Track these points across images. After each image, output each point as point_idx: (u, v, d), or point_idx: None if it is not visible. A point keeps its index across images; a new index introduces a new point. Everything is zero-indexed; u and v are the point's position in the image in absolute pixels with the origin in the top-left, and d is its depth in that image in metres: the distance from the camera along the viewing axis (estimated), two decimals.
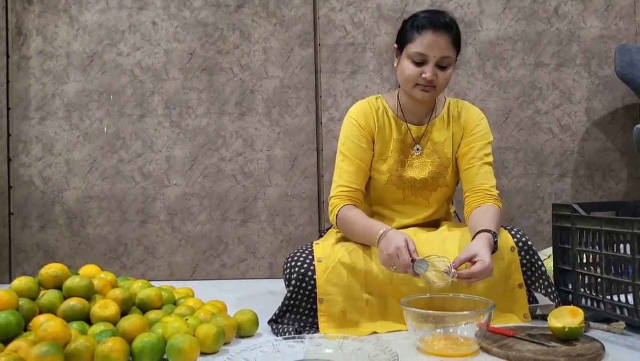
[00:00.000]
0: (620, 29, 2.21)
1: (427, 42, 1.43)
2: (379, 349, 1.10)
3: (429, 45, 1.43)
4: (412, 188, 1.57)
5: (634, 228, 1.26)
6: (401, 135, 1.57)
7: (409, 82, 1.48)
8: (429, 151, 1.57)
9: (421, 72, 1.45)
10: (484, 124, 1.59)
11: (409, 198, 1.58)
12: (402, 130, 1.57)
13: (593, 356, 1.12)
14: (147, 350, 1.16)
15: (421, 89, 1.47)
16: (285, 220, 2.26)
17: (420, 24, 1.45)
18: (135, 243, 2.27)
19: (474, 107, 1.63)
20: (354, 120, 1.56)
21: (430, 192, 1.58)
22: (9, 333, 1.18)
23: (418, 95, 1.48)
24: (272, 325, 1.39)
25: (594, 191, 2.23)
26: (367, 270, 1.39)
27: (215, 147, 2.27)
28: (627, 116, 2.22)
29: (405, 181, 1.56)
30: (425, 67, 1.45)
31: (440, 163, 1.57)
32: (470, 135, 1.57)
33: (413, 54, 1.45)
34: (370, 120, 1.56)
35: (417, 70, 1.45)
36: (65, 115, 2.28)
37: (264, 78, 2.26)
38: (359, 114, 1.57)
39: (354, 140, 1.54)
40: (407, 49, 1.46)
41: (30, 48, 2.28)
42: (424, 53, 1.44)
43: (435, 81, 1.46)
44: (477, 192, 1.52)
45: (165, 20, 2.27)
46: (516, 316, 1.42)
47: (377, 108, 1.57)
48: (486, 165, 1.55)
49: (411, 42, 1.45)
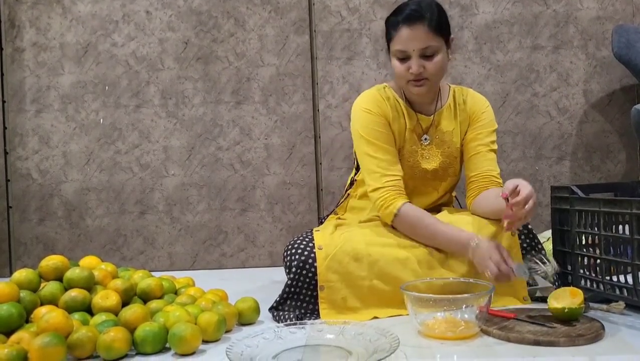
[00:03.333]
0: (617, 9, 2.20)
1: (404, 37, 1.42)
2: (380, 333, 1.11)
3: (406, 40, 1.42)
4: (423, 179, 1.57)
5: (632, 208, 1.26)
6: (413, 125, 1.55)
7: (401, 80, 1.49)
8: (438, 141, 1.56)
9: (408, 68, 1.44)
10: (490, 112, 1.59)
11: (419, 188, 1.58)
12: (413, 120, 1.55)
13: (593, 336, 1.12)
14: (149, 338, 1.16)
15: (413, 85, 1.46)
16: (284, 209, 2.26)
17: (395, 21, 1.44)
18: (135, 234, 2.27)
19: (479, 94, 1.62)
20: (367, 109, 1.52)
21: (440, 182, 1.59)
22: (11, 325, 1.18)
23: (413, 90, 1.48)
24: (273, 312, 1.40)
25: (593, 173, 2.23)
26: (367, 256, 1.39)
27: (213, 136, 2.26)
28: (625, 97, 2.21)
29: (417, 172, 1.56)
30: (409, 61, 1.44)
31: (450, 153, 1.57)
32: (477, 122, 1.57)
33: (395, 51, 1.45)
34: (385, 107, 1.53)
35: (403, 66, 1.45)
36: (61, 107, 2.27)
37: (260, 66, 2.25)
38: (370, 103, 1.53)
39: (375, 127, 1.50)
40: (391, 47, 1.47)
41: (23, 40, 2.27)
42: (403, 49, 1.43)
43: (424, 73, 1.44)
44: (484, 178, 1.52)
45: (159, 10, 2.26)
46: (516, 299, 1.42)
47: (387, 97, 1.55)
48: (492, 152, 1.55)
49: (392, 40, 1.46)
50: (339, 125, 2.24)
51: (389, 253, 1.39)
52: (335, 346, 1.12)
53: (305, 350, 1.11)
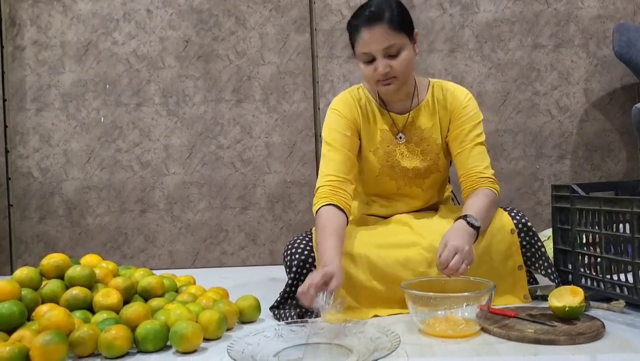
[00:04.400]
0: (618, 8, 2.20)
1: (366, 39, 1.40)
2: (380, 332, 1.11)
3: (368, 42, 1.40)
4: (405, 178, 1.55)
5: (633, 207, 1.26)
6: (387, 125, 1.54)
7: (370, 82, 1.47)
8: (417, 139, 1.54)
9: (374, 69, 1.42)
10: (472, 104, 1.53)
11: (403, 188, 1.57)
12: (386, 119, 1.54)
13: (593, 335, 1.12)
14: (150, 336, 1.16)
15: (382, 84, 1.44)
16: (284, 207, 2.26)
17: (354, 25, 1.43)
18: (136, 233, 2.27)
19: (460, 87, 1.56)
20: (336, 111, 1.53)
21: (423, 179, 1.56)
22: (13, 323, 1.19)
23: (383, 90, 1.46)
24: (273, 311, 1.40)
25: (593, 172, 2.23)
26: (367, 256, 1.39)
27: (213, 134, 2.26)
28: (626, 96, 2.21)
29: (398, 171, 1.54)
30: (376, 62, 1.41)
31: (430, 150, 1.54)
32: (459, 119, 1.52)
33: (360, 55, 1.43)
34: (354, 110, 1.52)
35: (370, 68, 1.43)
36: (61, 106, 2.27)
37: (261, 64, 2.25)
38: (340, 105, 1.53)
39: (338, 129, 1.51)
40: (355, 51, 1.45)
41: (24, 38, 2.27)
42: (367, 51, 1.41)
43: (391, 72, 1.41)
44: (470, 176, 1.49)
45: (159, 8, 2.26)
46: (516, 298, 1.42)
47: (359, 99, 1.54)
48: (478, 145, 1.50)
49: (355, 44, 1.44)
50: None
51: (387, 254, 1.39)
52: (336, 345, 1.12)
53: (306, 348, 1.12)
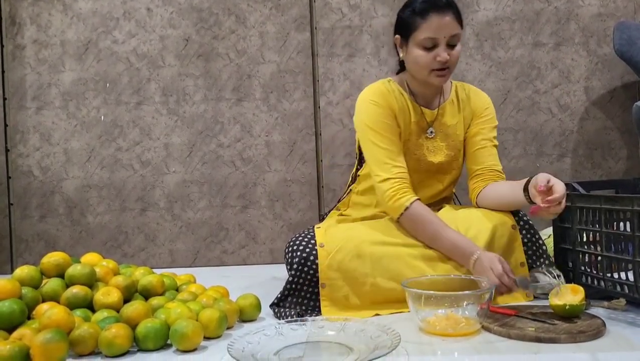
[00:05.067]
0: (619, 6, 2.20)
1: (435, 25, 1.42)
2: (381, 330, 1.11)
3: (437, 28, 1.42)
4: (428, 172, 1.58)
5: (633, 205, 1.26)
6: (417, 119, 1.56)
7: (424, 70, 1.47)
8: (442, 135, 1.57)
9: (435, 56, 1.44)
10: (492, 108, 1.62)
11: (424, 181, 1.59)
12: (417, 113, 1.56)
13: (594, 333, 1.12)
14: (150, 335, 1.16)
15: (437, 74, 1.46)
16: (285, 206, 2.26)
17: (422, 9, 1.43)
18: (136, 231, 2.27)
19: (481, 91, 1.65)
20: (374, 102, 1.52)
21: (445, 175, 1.60)
22: (13, 321, 1.19)
23: (435, 80, 1.48)
24: (274, 308, 1.40)
25: (594, 170, 2.23)
26: (369, 254, 1.39)
27: (214, 133, 2.26)
28: (626, 94, 2.21)
29: (423, 165, 1.57)
30: (437, 50, 1.44)
31: (454, 146, 1.58)
32: (480, 118, 1.59)
33: (423, 40, 1.43)
34: (391, 100, 1.53)
35: (430, 55, 1.44)
36: (62, 105, 2.27)
37: (261, 63, 2.25)
38: (377, 95, 1.53)
39: (382, 119, 1.50)
40: (415, 37, 1.45)
41: (24, 37, 2.26)
42: (433, 37, 1.42)
43: (448, 62, 1.45)
44: (490, 171, 1.55)
45: (159, 7, 2.25)
46: (519, 295, 1.42)
47: (392, 90, 1.55)
48: (495, 147, 1.59)
49: (417, 29, 1.44)
50: (339, 122, 2.24)
51: (391, 251, 1.39)
52: (337, 343, 1.12)
53: (306, 346, 1.12)
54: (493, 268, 1.31)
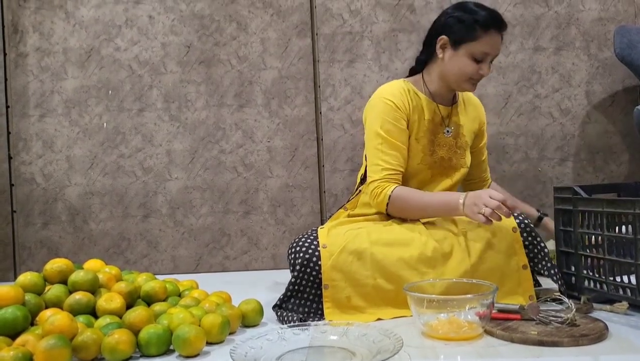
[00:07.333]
0: (619, 10, 2.20)
1: (493, 41, 1.50)
2: (383, 334, 1.11)
3: (493, 45, 1.50)
4: (440, 168, 1.62)
5: (635, 209, 1.26)
6: (431, 115, 1.61)
7: (463, 77, 1.53)
8: (454, 133, 1.64)
9: (479, 69, 1.51)
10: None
11: (436, 177, 1.63)
12: (432, 110, 1.61)
13: (597, 336, 1.12)
14: (153, 340, 1.17)
15: (472, 83, 1.55)
16: (287, 211, 2.27)
17: (486, 23, 1.48)
18: (139, 238, 2.28)
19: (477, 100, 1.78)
20: (389, 101, 1.56)
21: (454, 171, 1.65)
22: (17, 327, 1.19)
23: (467, 88, 1.56)
24: (276, 310, 1.40)
25: (596, 174, 2.23)
26: (371, 255, 1.39)
27: (215, 139, 2.27)
28: (627, 98, 2.21)
29: (436, 160, 1.61)
30: (483, 63, 1.51)
31: (462, 145, 1.65)
32: (482, 133, 1.75)
33: (478, 52, 1.49)
34: (405, 100, 1.58)
35: (476, 67, 1.51)
36: (64, 112, 2.28)
37: (262, 69, 2.26)
38: (393, 94, 1.57)
39: (392, 121, 1.55)
40: (470, 46, 1.49)
41: (27, 45, 2.28)
42: (488, 52, 1.50)
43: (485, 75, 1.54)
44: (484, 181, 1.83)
45: (161, 14, 2.27)
46: (522, 298, 1.42)
47: (407, 90, 1.60)
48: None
49: (476, 40, 1.49)
50: (341, 128, 2.25)
51: (392, 252, 1.39)
52: (339, 348, 1.12)
53: (308, 351, 1.12)
54: (481, 196, 1.34)
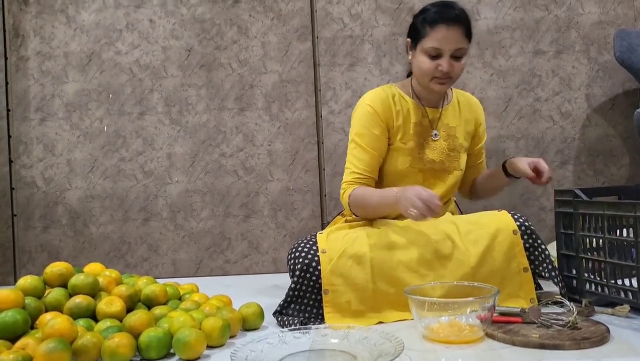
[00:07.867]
0: (619, 14, 2.21)
1: (441, 36, 1.48)
2: (384, 338, 1.11)
3: (442, 39, 1.48)
4: (431, 171, 1.62)
5: (636, 211, 1.26)
6: (418, 119, 1.61)
7: (426, 76, 1.53)
8: (444, 135, 1.63)
9: (437, 65, 1.50)
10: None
11: (428, 180, 1.62)
12: (419, 113, 1.61)
13: (598, 339, 1.12)
14: (153, 344, 1.16)
15: (438, 82, 1.53)
16: (287, 215, 2.26)
17: (433, 19, 1.49)
18: (139, 241, 2.28)
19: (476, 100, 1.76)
20: (369, 107, 1.58)
21: (447, 174, 1.64)
22: (17, 331, 1.19)
23: (435, 87, 1.54)
24: (277, 316, 1.39)
25: (596, 177, 2.23)
26: (371, 259, 1.39)
27: (216, 143, 2.27)
28: (628, 101, 2.21)
29: (426, 163, 1.61)
30: (440, 60, 1.49)
31: (454, 148, 1.64)
32: (480, 135, 1.73)
33: (428, 48, 1.49)
34: (387, 106, 1.59)
35: (433, 63, 1.50)
36: (65, 116, 2.28)
37: (263, 73, 2.26)
38: (375, 100, 1.59)
39: (368, 127, 1.57)
40: (422, 43, 1.51)
41: (28, 49, 2.28)
42: (438, 47, 1.48)
43: (451, 72, 1.51)
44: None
45: (162, 18, 2.27)
46: (523, 301, 1.41)
47: (392, 95, 1.61)
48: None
49: (425, 37, 1.50)
50: (341, 131, 2.25)
51: (392, 255, 1.39)
52: (340, 351, 1.12)
53: (309, 354, 1.11)
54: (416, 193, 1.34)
